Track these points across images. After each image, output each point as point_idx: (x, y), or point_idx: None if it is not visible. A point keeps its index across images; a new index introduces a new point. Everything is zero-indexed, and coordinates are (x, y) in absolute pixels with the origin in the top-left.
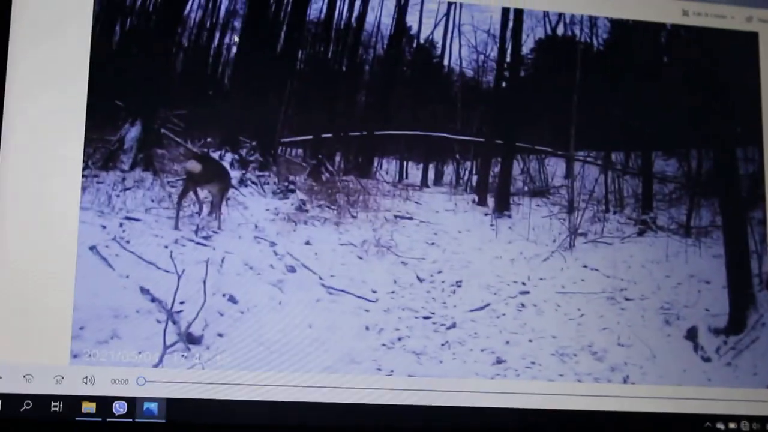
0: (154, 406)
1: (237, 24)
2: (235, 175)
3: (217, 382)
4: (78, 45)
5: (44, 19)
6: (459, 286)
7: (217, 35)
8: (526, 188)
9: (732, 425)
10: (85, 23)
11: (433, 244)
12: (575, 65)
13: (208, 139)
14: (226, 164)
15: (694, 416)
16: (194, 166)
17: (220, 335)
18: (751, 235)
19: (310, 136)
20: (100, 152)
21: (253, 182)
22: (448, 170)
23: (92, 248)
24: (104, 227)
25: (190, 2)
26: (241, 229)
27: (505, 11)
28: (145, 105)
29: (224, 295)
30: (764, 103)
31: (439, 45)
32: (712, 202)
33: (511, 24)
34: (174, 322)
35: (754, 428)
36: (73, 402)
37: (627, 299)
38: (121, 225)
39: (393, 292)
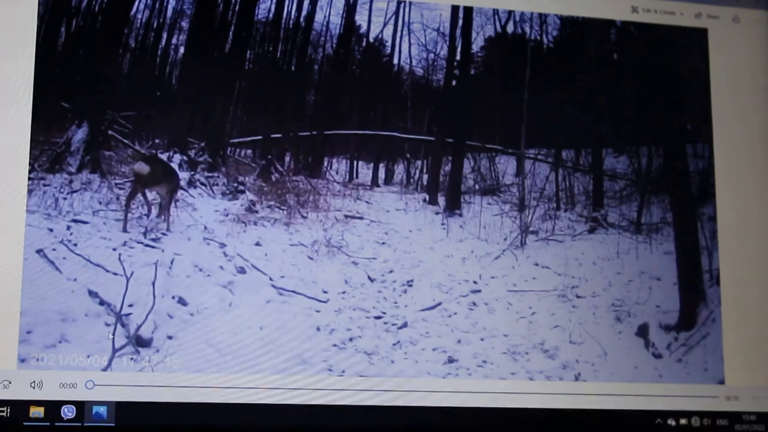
0: (103, 409)
1: (184, 24)
2: (183, 176)
3: (167, 385)
4: (23, 47)
5: None
6: (410, 286)
7: (165, 36)
8: (476, 187)
9: (683, 421)
10: (29, 24)
11: (384, 243)
12: (525, 63)
13: (156, 141)
14: (174, 165)
15: (645, 413)
16: (142, 167)
17: (170, 338)
18: (702, 231)
19: (260, 137)
20: (47, 154)
21: (202, 183)
22: (399, 169)
23: (39, 251)
24: (51, 230)
25: (136, 3)
26: (191, 230)
27: (455, 9)
28: (91, 106)
29: (174, 298)
30: (714, 99)
31: (389, 44)
32: (662, 199)
33: (460, 22)
34: (123, 325)
35: (704, 424)
36: (20, 407)
37: (578, 297)
38: (68, 228)
39: (344, 293)
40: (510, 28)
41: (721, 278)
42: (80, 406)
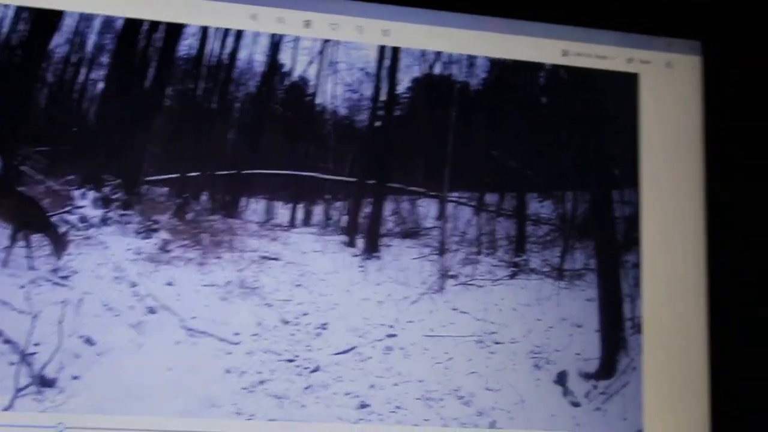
0: None
1: (104, 60)
2: (96, 213)
3: (72, 426)
4: None
5: None
6: (325, 329)
7: (83, 71)
8: (397, 229)
9: None
10: None
11: (299, 285)
12: (451, 105)
13: (71, 177)
14: (87, 202)
15: None
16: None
17: (76, 378)
18: (625, 278)
19: (176, 174)
20: None
21: (115, 221)
22: (318, 211)
23: None
24: None
25: (56, 36)
26: (101, 269)
27: (381, 49)
28: (5, 141)
29: (81, 337)
30: (643, 145)
31: (313, 83)
32: (586, 245)
33: (387, 62)
34: (27, 364)
35: None
36: None
37: (497, 343)
38: None
39: (256, 335)
40: (437, 70)
41: (644, 326)
42: None
